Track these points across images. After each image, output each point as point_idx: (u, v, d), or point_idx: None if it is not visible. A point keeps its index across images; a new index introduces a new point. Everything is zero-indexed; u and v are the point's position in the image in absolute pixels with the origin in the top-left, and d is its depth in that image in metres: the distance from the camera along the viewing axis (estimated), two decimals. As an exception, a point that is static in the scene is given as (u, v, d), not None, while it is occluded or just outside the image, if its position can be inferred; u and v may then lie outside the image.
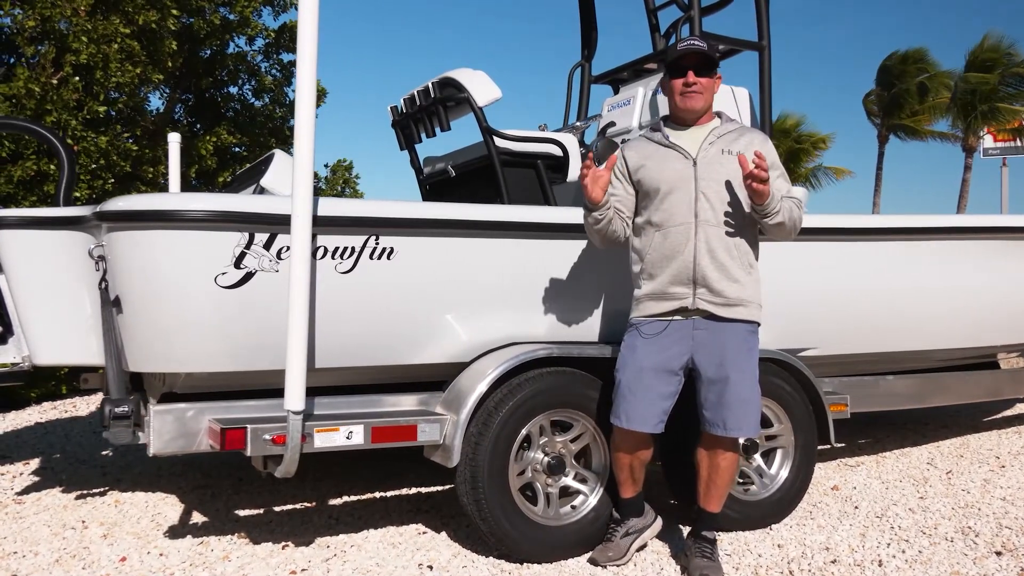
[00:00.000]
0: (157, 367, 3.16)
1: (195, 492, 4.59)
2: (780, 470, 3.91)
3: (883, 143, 30.67)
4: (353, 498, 4.40)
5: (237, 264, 3.01)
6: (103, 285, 3.23)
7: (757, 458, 3.89)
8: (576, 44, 5.80)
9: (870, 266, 4.31)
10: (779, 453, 3.93)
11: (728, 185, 3.16)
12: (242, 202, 3.03)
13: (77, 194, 7.50)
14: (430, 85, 4.49)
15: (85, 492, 4.60)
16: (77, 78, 7.59)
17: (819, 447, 4.06)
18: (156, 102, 14.08)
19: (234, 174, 11.07)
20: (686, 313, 3.18)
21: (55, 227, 3.45)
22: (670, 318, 3.20)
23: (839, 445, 5.53)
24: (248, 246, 3.02)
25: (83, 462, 5.37)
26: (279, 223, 3.01)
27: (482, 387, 3.27)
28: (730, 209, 3.16)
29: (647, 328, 3.21)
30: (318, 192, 13.15)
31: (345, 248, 3.17)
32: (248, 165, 5.55)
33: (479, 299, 3.44)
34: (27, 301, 3.49)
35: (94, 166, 7.75)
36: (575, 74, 5.73)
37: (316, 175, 13.60)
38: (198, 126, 10.65)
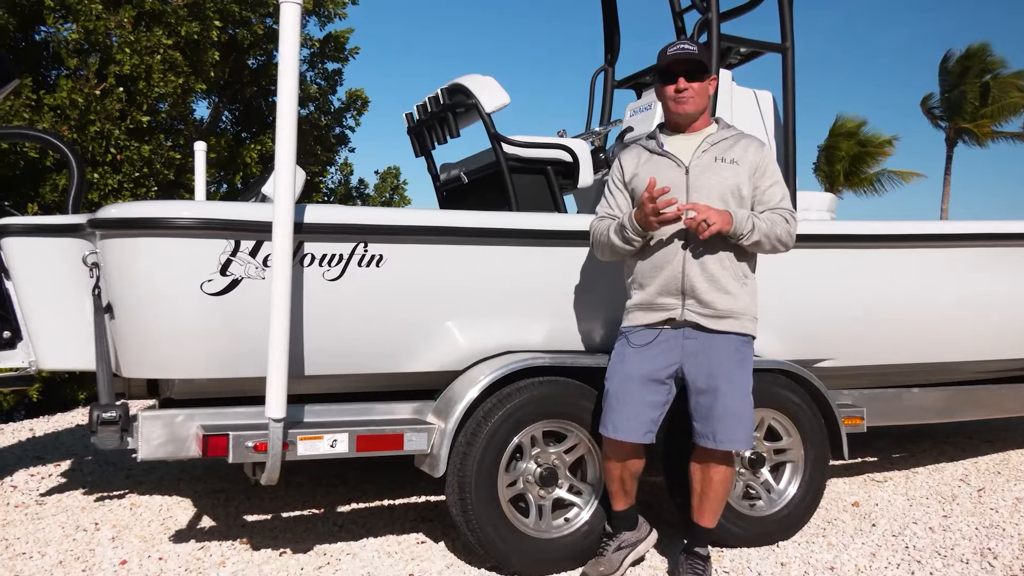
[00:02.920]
0: (147, 373, 3.20)
1: (210, 496, 4.63)
2: (789, 485, 3.77)
3: (951, 146, 29.82)
4: (361, 505, 4.40)
5: (223, 271, 3.03)
6: (96, 292, 3.28)
7: (764, 472, 3.77)
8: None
9: (891, 274, 4.15)
10: (788, 467, 3.80)
11: (720, 194, 3.06)
12: (227, 210, 3.05)
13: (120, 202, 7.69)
14: (439, 92, 4.47)
15: (105, 494, 4.69)
16: (120, 89, 7.80)
17: (833, 461, 3.91)
18: (202, 111, 14.38)
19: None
20: (675, 324, 3.10)
21: (59, 234, 3.51)
22: (660, 328, 3.12)
23: (871, 459, 5.35)
24: (234, 253, 3.03)
25: (111, 464, 5.47)
26: (265, 231, 3.01)
27: (469, 397, 3.23)
28: None
29: (636, 337, 3.14)
30: (365, 199, 13.27)
31: (333, 255, 3.16)
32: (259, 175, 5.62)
33: (471, 307, 3.40)
34: (32, 307, 3.56)
35: (137, 174, 7.96)
36: (598, 78, 5.66)
37: (364, 181, 13.81)
38: (244, 134, 10.86)
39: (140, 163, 7.90)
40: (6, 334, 3.68)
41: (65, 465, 5.45)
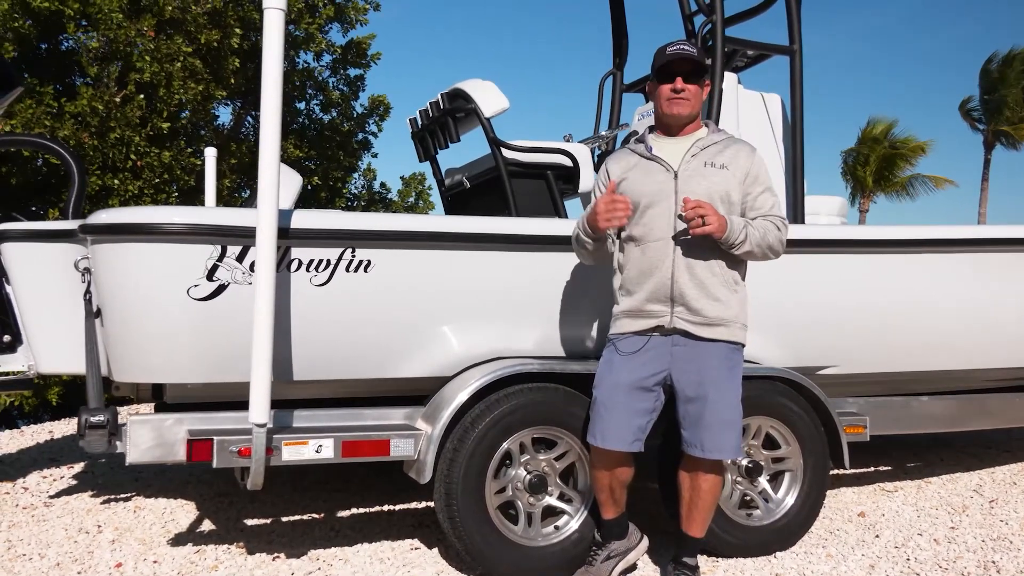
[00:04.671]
0: (136, 377, 3.22)
1: (214, 500, 4.65)
2: (787, 495, 3.70)
3: (989, 150, 29.29)
4: (360, 510, 4.39)
5: (210, 276, 3.05)
6: (87, 296, 3.32)
7: (762, 481, 3.70)
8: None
9: (898, 280, 4.07)
10: (787, 476, 3.73)
11: (710, 199, 3.01)
12: (213, 215, 3.06)
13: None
14: (440, 97, 4.47)
15: (111, 497, 4.73)
16: (141, 96, 7.90)
17: (835, 471, 3.84)
18: (226, 116, 14.52)
19: (302, 187, 11.34)
20: (664, 331, 3.05)
21: (56, 240, 3.56)
22: (648, 335, 3.07)
23: (883, 468, 5.24)
24: (221, 259, 3.05)
25: (122, 467, 5.52)
26: (251, 236, 3.02)
27: (456, 402, 3.21)
28: None
29: (624, 344, 3.09)
30: (388, 204, 13.29)
31: (320, 261, 3.17)
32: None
33: (461, 313, 3.39)
34: (30, 311, 3.61)
35: (157, 180, 8.05)
36: (606, 82, 5.63)
37: (386, 186, 13.87)
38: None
39: (160, 169, 8.00)
40: (6, 338, 3.73)
41: (78, 467, 5.51)
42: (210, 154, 5.69)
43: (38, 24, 7.65)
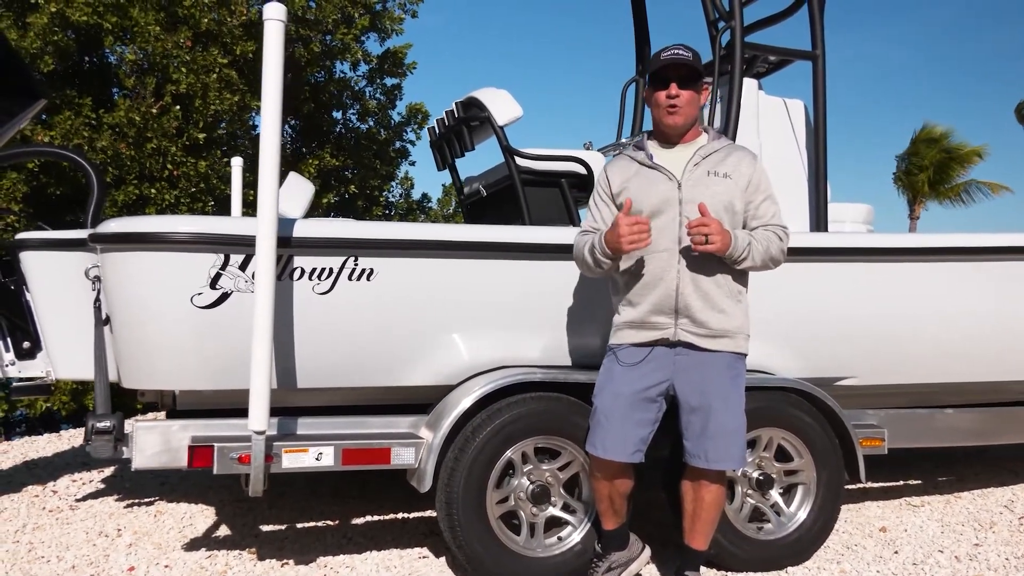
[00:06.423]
0: (142, 384, 3.27)
1: (233, 505, 4.71)
2: (800, 509, 3.62)
3: (1046, 154, 28.44)
4: (375, 517, 4.41)
5: (213, 285, 3.08)
6: (97, 304, 3.38)
7: (774, 494, 3.62)
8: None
9: (918, 289, 3.96)
10: (800, 490, 3.65)
11: (714, 209, 2.95)
12: (217, 224, 3.10)
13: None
14: (455, 105, 4.48)
15: (136, 501, 4.81)
16: (177, 107, 8.06)
17: (852, 485, 3.74)
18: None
19: (340, 195, 11.44)
20: (668, 343, 3.01)
21: (72, 248, 3.63)
22: (651, 346, 3.03)
23: (913, 482, 5.11)
24: (224, 267, 3.08)
25: (151, 471, 5.60)
26: (254, 245, 3.05)
27: (458, 411, 3.21)
28: None
29: (625, 355, 3.05)
30: (428, 213, 13.34)
31: (323, 269, 3.18)
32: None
33: (464, 322, 3.38)
34: (48, 318, 3.69)
35: (193, 189, 8.20)
36: (629, 89, 5.59)
37: (427, 195, 13.94)
38: (303, 149, 11.09)
39: (196, 179, 8.15)
40: (26, 344, 3.82)
41: (108, 471, 5.61)
42: (236, 164, 5.78)
43: (78, 38, 7.86)
